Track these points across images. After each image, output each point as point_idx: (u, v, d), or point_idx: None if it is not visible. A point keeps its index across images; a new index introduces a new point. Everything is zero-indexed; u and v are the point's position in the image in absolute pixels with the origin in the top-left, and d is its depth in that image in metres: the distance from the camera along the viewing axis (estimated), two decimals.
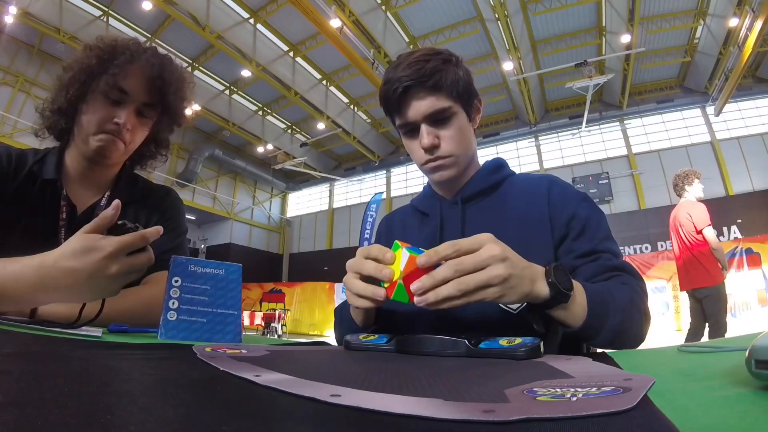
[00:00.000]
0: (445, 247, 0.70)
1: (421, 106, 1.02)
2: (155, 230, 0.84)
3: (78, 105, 1.20)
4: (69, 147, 1.26)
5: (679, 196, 4.50)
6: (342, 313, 1.09)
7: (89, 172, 1.26)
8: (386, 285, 0.72)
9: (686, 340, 4.28)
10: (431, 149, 1.05)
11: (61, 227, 1.19)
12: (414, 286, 0.68)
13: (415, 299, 0.68)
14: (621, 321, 0.81)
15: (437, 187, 1.19)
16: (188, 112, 1.41)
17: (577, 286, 0.79)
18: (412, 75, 1.00)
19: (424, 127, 1.04)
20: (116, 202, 0.83)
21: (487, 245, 0.70)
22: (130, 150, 1.27)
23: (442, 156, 1.06)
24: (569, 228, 1.03)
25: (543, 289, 0.74)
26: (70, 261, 0.79)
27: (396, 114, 1.07)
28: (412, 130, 1.07)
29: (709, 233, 4.14)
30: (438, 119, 1.04)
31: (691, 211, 4.25)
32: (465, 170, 1.13)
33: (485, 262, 0.68)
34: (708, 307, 4.18)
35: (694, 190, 4.37)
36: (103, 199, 1.27)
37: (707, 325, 4.21)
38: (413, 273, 0.70)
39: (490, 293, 0.68)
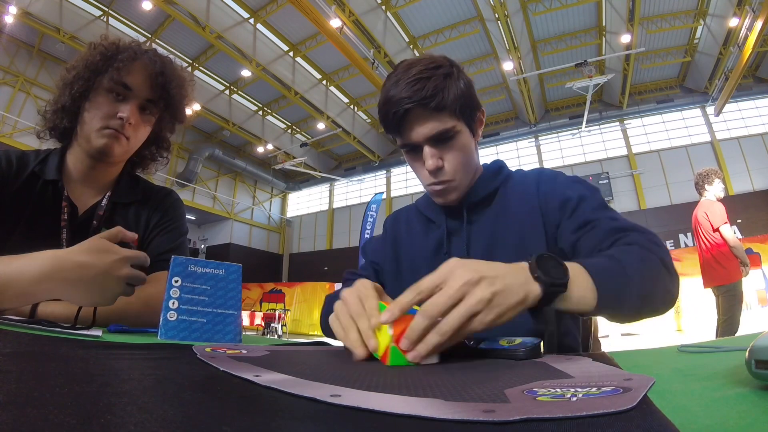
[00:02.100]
0: (407, 296, 0.63)
1: (423, 129, 0.99)
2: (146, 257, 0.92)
3: (81, 104, 1.22)
4: (71, 147, 1.27)
5: (700, 194, 4.52)
6: (329, 308, 1.06)
7: (91, 172, 1.26)
8: (379, 355, 0.63)
9: (717, 335, 4.30)
10: (436, 172, 1.03)
11: (63, 228, 1.19)
12: (402, 346, 0.60)
13: (409, 356, 0.60)
14: (641, 285, 0.75)
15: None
16: (188, 111, 1.42)
17: (576, 269, 0.72)
18: (413, 97, 0.95)
19: (427, 149, 1.01)
20: (133, 235, 0.92)
21: (455, 273, 0.63)
22: (132, 147, 1.28)
23: (445, 180, 1.04)
24: (562, 211, 1.01)
25: (535, 289, 0.66)
26: (84, 256, 0.83)
27: (397, 134, 1.04)
28: (414, 149, 1.04)
29: (726, 231, 4.17)
30: (441, 139, 1.01)
31: (708, 210, 4.30)
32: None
33: (459, 292, 0.60)
34: (723, 304, 4.22)
35: (714, 189, 4.39)
36: (104, 200, 1.28)
37: (720, 321, 4.23)
38: (404, 332, 0.61)
39: (482, 321, 0.61)
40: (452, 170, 1.03)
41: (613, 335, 9.59)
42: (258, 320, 14.23)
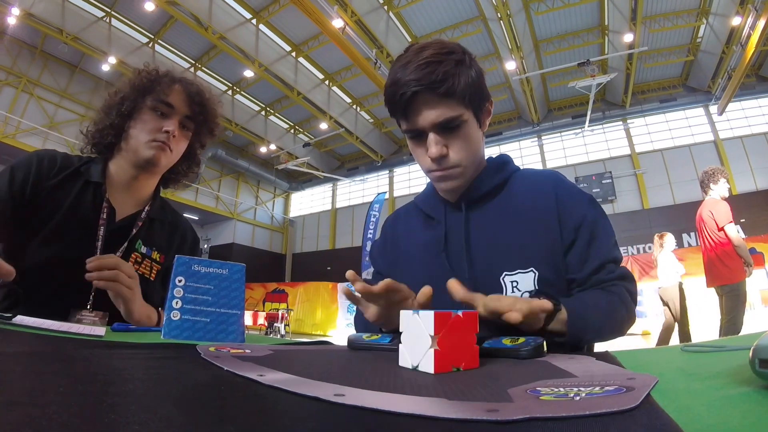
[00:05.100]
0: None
1: (430, 115, 0.96)
2: None
3: (125, 122, 1.38)
4: (113, 158, 1.43)
5: (705, 193, 4.51)
6: (358, 316, 1.13)
7: (133, 182, 1.42)
8: None
9: (720, 335, 4.29)
10: (439, 159, 1.00)
11: (101, 225, 1.32)
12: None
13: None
14: (600, 327, 0.91)
15: (441, 191, 1.16)
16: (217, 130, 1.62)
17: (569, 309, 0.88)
18: (423, 80, 0.92)
19: (432, 136, 0.98)
20: None
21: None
22: (174, 158, 1.46)
23: (449, 166, 1.01)
24: (578, 233, 1.01)
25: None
26: None
27: (402, 118, 1.01)
28: (418, 135, 1.01)
29: (731, 230, 4.16)
30: (447, 126, 0.98)
31: (713, 209, 4.29)
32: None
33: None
34: (727, 304, 4.21)
35: (719, 189, 4.38)
36: (143, 213, 1.43)
37: (723, 321, 4.22)
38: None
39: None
40: (456, 158, 1.01)
41: None
42: (261, 320, 14.26)
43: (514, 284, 0.98)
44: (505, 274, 1.00)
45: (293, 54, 15.24)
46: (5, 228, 1.22)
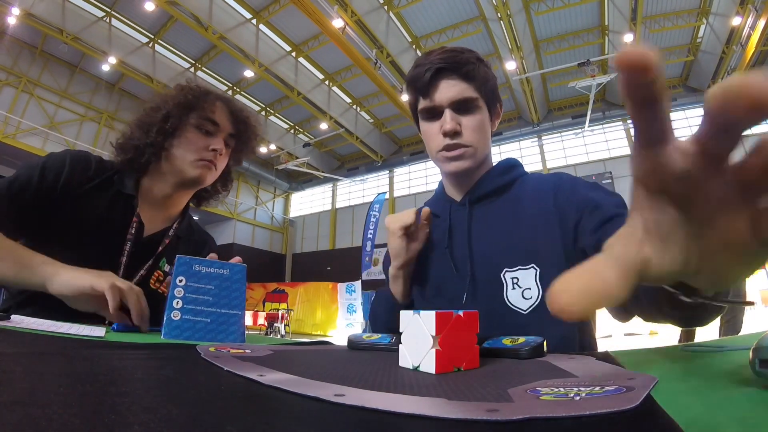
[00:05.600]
0: None
1: (450, 91, 1.03)
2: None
3: (166, 141, 1.34)
4: (148, 174, 1.39)
5: None
6: (378, 300, 1.16)
7: (166, 200, 1.40)
8: None
9: (720, 335, 4.30)
10: (453, 135, 1.03)
11: (128, 240, 1.28)
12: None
13: None
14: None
15: (448, 183, 1.18)
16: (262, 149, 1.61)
17: None
18: (447, 59, 1.02)
19: (448, 112, 1.03)
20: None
21: None
22: (216, 175, 1.43)
23: (462, 145, 1.04)
24: (581, 212, 0.94)
25: None
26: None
27: (422, 95, 1.07)
28: (434, 114, 1.06)
29: None
30: (464, 107, 1.04)
31: None
32: (478, 168, 1.11)
33: None
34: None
35: None
36: (171, 230, 1.41)
37: (723, 321, 4.23)
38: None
39: None
40: (470, 138, 1.05)
41: (616, 335, 9.58)
42: (261, 320, 14.26)
43: (515, 280, 0.98)
44: (506, 270, 1.00)
45: (293, 54, 15.25)
46: (15, 221, 1.17)
